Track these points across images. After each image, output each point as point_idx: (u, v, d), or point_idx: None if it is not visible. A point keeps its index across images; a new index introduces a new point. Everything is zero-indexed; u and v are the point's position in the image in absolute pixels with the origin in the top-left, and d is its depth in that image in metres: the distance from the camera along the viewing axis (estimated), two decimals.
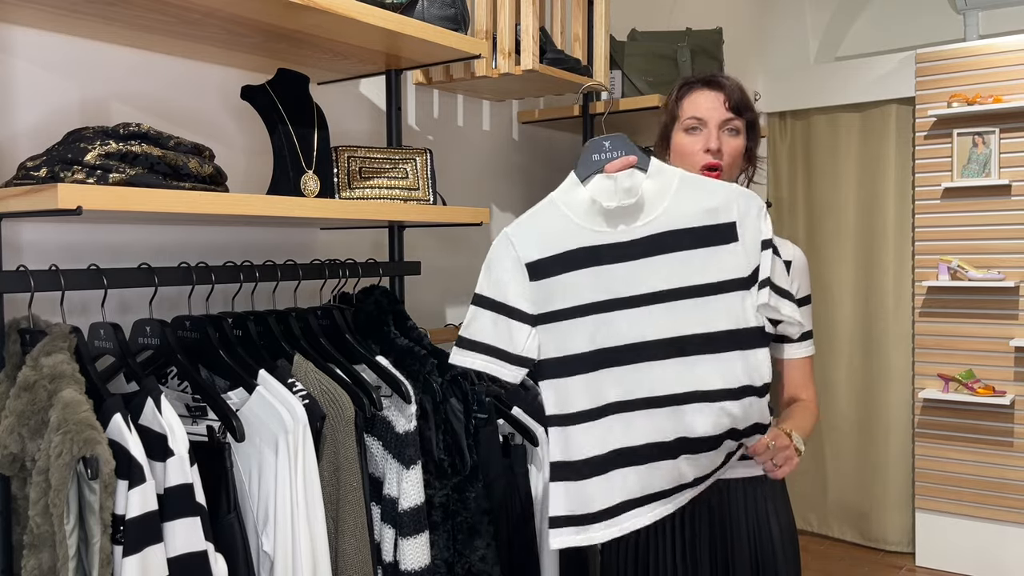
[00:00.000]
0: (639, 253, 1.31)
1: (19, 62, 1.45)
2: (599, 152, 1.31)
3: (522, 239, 1.34)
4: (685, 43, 2.67)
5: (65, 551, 1.10)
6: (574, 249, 1.32)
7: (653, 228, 1.31)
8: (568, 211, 1.33)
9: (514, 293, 1.34)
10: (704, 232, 1.30)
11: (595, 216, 1.32)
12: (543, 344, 1.34)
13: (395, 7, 1.65)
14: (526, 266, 1.33)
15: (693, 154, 1.53)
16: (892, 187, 4.06)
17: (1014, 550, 3.68)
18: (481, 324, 1.35)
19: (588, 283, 1.32)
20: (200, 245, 1.73)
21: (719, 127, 1.53)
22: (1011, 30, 4.12)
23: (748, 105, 1.56)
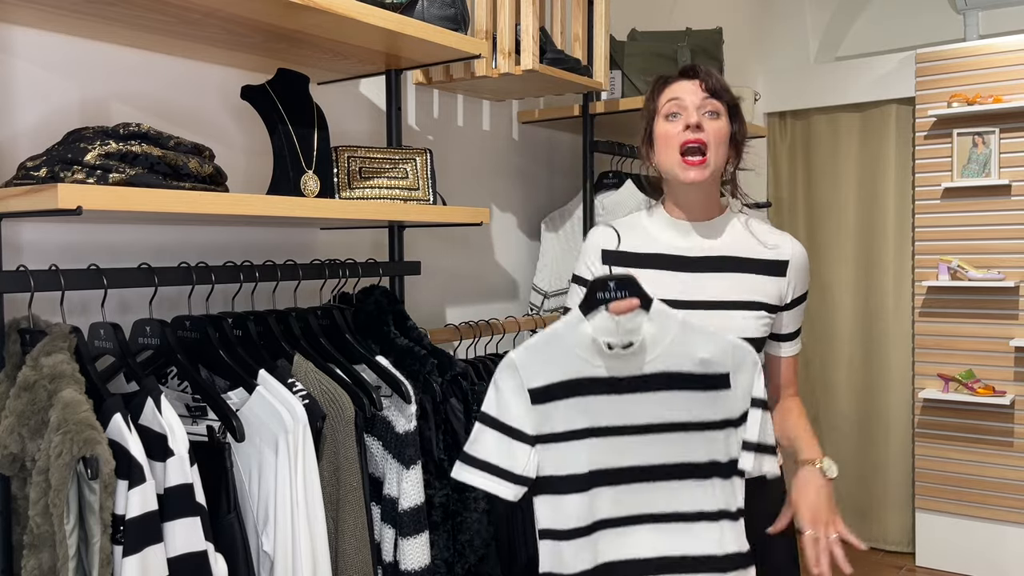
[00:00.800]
0: (635, 389, 1.41)
1: (19, 62, 1.45)
2: (604, 291, 1.37)
3: (526, 366, 1.42)
4: (685, 43, 2.67)
5: (65, 551, 1.10)
6: (574, 379, 1.41)
7: (650, 368, 1.40)
8: (571, 344, 1.41)
9: (516, 415, 1.42)
10: (697, 379, 1.41)
11: (596, 352, 1.40)
12: (542, 462, 1.43)
13: (395, 7, 1.65)
14: (529, 391, 1.42)
15: (673, 137, 1.53)
16: (892, 187, 4.06)
17: (1014, 550, 3.68)
18: (485, 443, 1.43)
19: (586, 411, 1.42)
20: (200, 245, 1.73)
21: (698, 109, 1.53)
22: (1011, 30, 4.12)
23: (726, 88, 1.56)
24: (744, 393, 1.41)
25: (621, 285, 1.37)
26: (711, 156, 1.51)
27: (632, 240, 1.63)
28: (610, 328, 1.39)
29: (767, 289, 1.57)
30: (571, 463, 1.42)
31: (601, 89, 2.39)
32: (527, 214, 2.72)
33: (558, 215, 2.68)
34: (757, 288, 1.56)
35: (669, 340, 1.41)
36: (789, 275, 1.59)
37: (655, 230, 1.62)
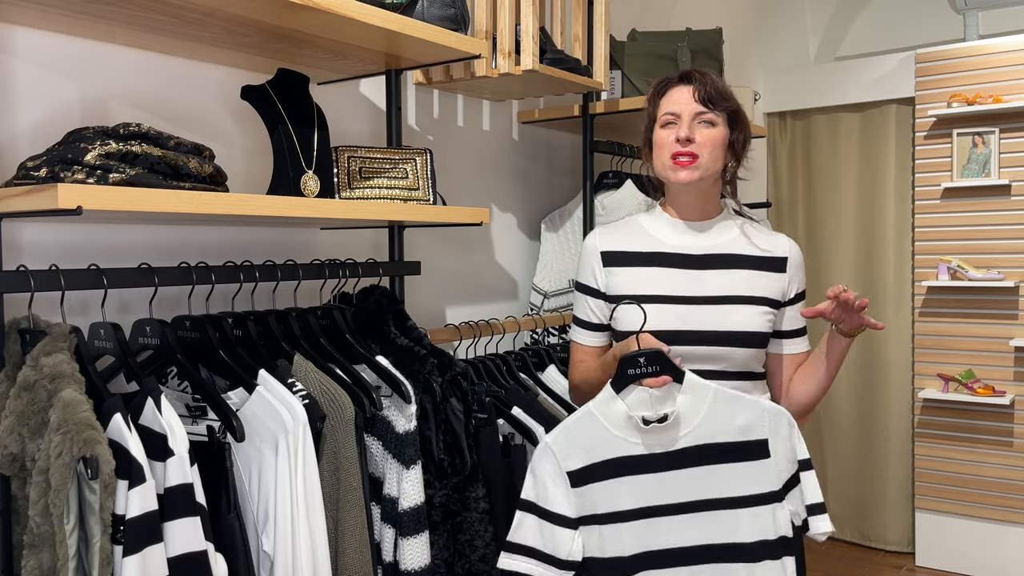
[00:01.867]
0: (675, 465, 1.40)
1: (19, 62, 1.45)
2: (634, 367, 1.37)
3: (562, 449, 1.42)
4: (685, 43, 2.67)
5: (65, 551, 1.10)
6: (612, 459, 1.40)
7: (688, 442, 1.40)
8: (605, 422, 1.41)
9: (557, 500, 1.42)
10: (737, 448, 1.40)
11: (632, 429, 1.40)
12: (586, 543, 1.42)
13: (395, 7, 1.65)
14: (567, 474, 1.41)
15: (665, 146, 1.58)
16: (892, 187, 4.06)
17: (1014, 550, 3.68)
18: (527, 529, 1.42)
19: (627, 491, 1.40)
20: (200, 245, 1.73)
21: (692, 119, 1.56)
22: (1011, 30, 4.12)
23: (724, 96, 1.58)
24: (786, 461, 1.40)
25: (651, 360, 1.37)
26: (702, 161, 1.55)
27: (632, 240, 1.67)
28: (644, 402, 1.39)
29: (768, 285, 1.61)
30: (615, 546, 1.40)
31: (601, 89, 2.39)
32: (527, 214, 2.72)
33: (558, 215, 2.68)
34: (758, 284, 1.60)
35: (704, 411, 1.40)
36: (789, 271, 1.64)
37: (654, 229, 1.67)
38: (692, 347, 1.57)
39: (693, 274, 1.61)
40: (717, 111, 1.57)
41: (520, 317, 2.36)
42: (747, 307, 1.58)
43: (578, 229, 2.61)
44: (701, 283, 1.60)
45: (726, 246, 1.63)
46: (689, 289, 1.59)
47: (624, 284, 1.63)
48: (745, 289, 1.59)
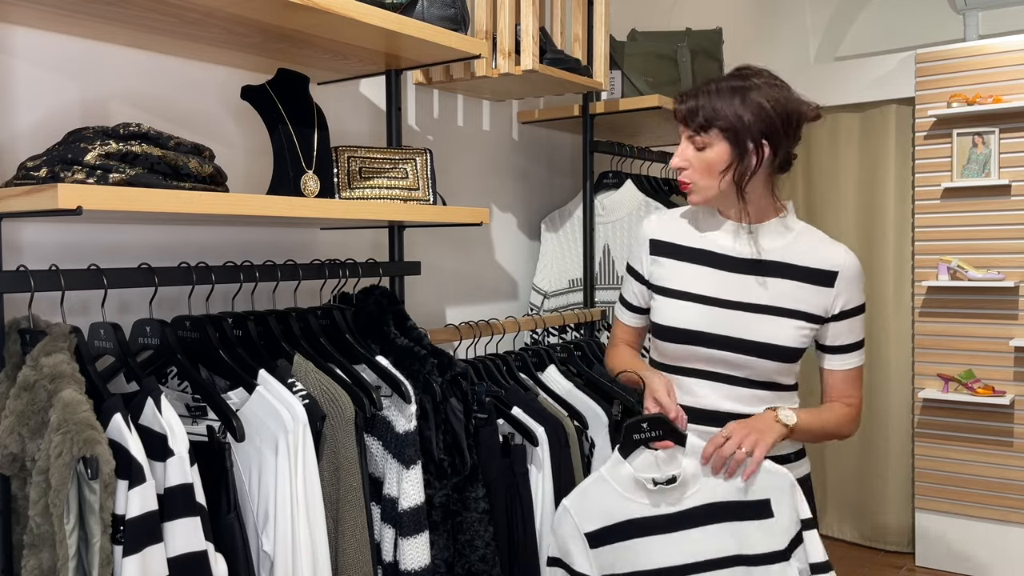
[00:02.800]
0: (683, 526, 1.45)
1: (19, 62, 1.45)
2: (638, 432, 1.44)
3: (578, 511, 1.49)
4: (685, 43, 2.67)
5: (65, 551, 1.10)
6: (625, 520, 1.46)
7: (694, 501, 1.45)
8: (616, 485, 1.47)
9: (579, 559, 1.48)
10: (742, 507, 1.44)
11: (640, 490, 1.46)
12: None
13: (395, 7, 1.65)
14: (585, 535, 1.48)
15: None
16: (892, 187, 4.06)
17: (1014, 550, 3.68)
18: None
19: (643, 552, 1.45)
20: (200, 245, 1.73)
21: (687, 142, 1.56)
22: (1011, 30, 4.12)
23: (706, 114, 1.50)
24: (790, 521, 1.43)
25: (653, 425, 1.43)
26: (696, 186, 1.55)
27: (683, 232, 1.65)
28: (650, 464, 1.44)
29: (810, 299, 1.55)
30: None
31: (601, 89, 2.39)
32: (527, 214, 2.72)
33: (558, 215, 2.68)
34: (800, 296, 1.55)
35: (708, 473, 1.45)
36: (838, 286, 1.56)
37: (707, 226, 1.63)
38: (716, 351, 1.56)
39: (734, 278, 1.58)
40: (705, 132, 1.51)
41: (520, 317, 2.36)
42: (781, 319, 1.54)
43: (578, 229, 2.61)
44: (739, 288, 1.57)
45: (774, 253, 1.57)
46: (726, 292, 1.57)
47: (666, 276, 1.64)
48: (784, 301, 1.55)
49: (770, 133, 1.50)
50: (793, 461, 1.61)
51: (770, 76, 1.55)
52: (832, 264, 1.56)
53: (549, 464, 1.84)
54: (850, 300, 1.57)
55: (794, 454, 1.62)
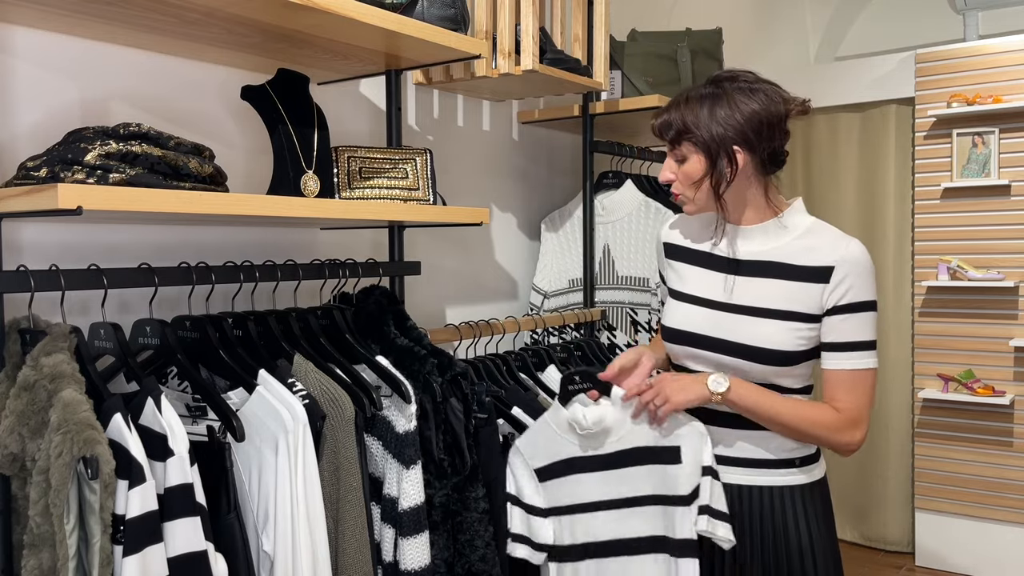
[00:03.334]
0: (610, 466, 1.62)
1: (19, 62, 1.45)
2: (572, 384, 1.65)
3: (527, 450, 1.69)
4: (685, 43, 2.67)
5: (65, 551, 1.10)
6: (563, 459, 1.66)
7: (618, 446, 1.62)
8: (555, 428, 1.67)
9: (528, 492, 1.68)
10: (653, 452, 1.60)
11: (572, 433, 1.65)
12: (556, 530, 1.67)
13: (395, 7, 1.65)
14: (535, 471, 1.68)
15: None
16: (892, 187, 4.06)
17: (1014, 550, 3.68)
18: (515, 519, 1.68)
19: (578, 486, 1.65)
20: (200, 245, 1.73)
21: (671, 156, 1.57)
22: (1011, 30, 4.12)
23: (678, 128, 1.51)
24: (693, 468, 1.57)
25: (584, 378, 1.64)
26: (685, 197, 1.58)
27: (689, 234, 1.69)
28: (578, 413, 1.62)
29: (804, 298, 1.50)
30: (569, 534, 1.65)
31: (601, 89, 2.39)
32: (527, 214, 2.72)
33: (558, 215, 2.68)
34: (794, 296, 1.51)
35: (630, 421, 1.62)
36: (833, 280, 1.48)
37: (707, 228, 1.66)
38: (712, 353, 1.56)
39: (731, 279, 1.57)
40: (681, 145, 1.52)
41: (520, 317, 2.36)
42: (773, 321, 1.51)
43: (578, 229, 2.61)
44: (735, 290, 1.56)
45: (770, 253, 1.55)
46: (723, 295, 1.57)
47: (675, 279, 1.68)
48: (777, 302, 1.52)
49: (742, 140, 1.49)
50: (798, 467, 1.56)
51: (746, 80, 1.53)
52: (830, 259, 1.49)
53: None
54: (847, 295, 1.48)
55: (799, 459, 1.56)
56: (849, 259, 1.49)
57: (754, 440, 1.56)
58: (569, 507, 1.65)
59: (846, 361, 1.50)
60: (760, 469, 1.57)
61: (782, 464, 1.57)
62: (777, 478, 1.56)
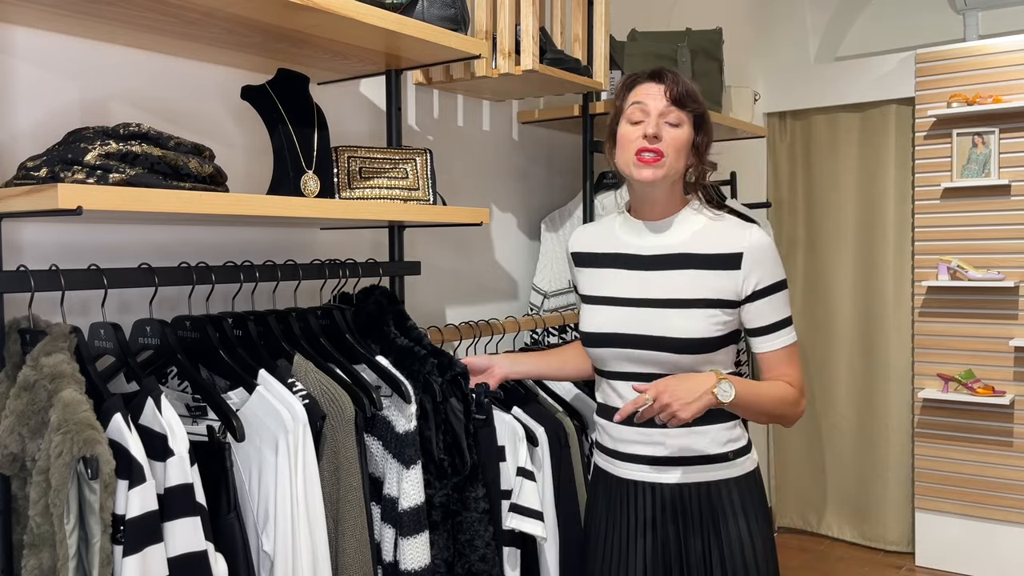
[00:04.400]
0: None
1: (19, 62, 1.45)
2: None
3: None
4: (685, 43, 2.67)
5: (65, 551, 1.10)
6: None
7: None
8: None
9: None
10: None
11: None
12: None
13: (395, 7, 1.65)
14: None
15: (632, 141, 1.56)
16: (892, 187, 4.06)
17: (1014, 550, 3.68)
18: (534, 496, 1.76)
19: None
20: (200, 245, 1.73)
21: (659, 116, 1.55)
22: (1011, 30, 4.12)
23: (692, 98, 1.56)
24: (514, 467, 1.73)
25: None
26: (667, 161, 1.54)
27: (595, 241, 1.72)
28: None
29: (719, 284, 1.56)
30: None
31: (601, 89, 2.39)
32: (527, 214, 2.72)
33: (558, 215, 2.68)
34: (708, 284, 1.56)
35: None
36: (744, 267, 1.56)
37: (618, 230, 1.70)
38: (633, 350, 1.58)
39: (642, 275, 1.61)
40: (685, 112, 1.56)
41: (520, 317, 2.36)
42: (691, 311, 1.55)
43: None
44: (648, 285, 1.60)
45: (679, 246, 1.60)
46: (636, 291, 1.61)
47: (586, 284, 1.71)
48: (692, 291, 1.56)
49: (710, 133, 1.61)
50: (732, 459, 1.61)
51: None
52: (737, 246, 1.56)
53: (549, 464, 1.84)
54: (763, 279, 1.56)
55: (732, 452, 1.61)
56: (756, 244, 1.56)
57: (690, 438, 1.59)
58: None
59: (778, 340, 1.59)
60: (698, 466, 1.59)
61: (717, 459, 1.60)
62: (713, 473, 1.59)
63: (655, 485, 1.61)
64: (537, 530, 1.71)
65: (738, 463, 1.62)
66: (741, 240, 1.57)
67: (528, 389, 2.03)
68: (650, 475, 1.61)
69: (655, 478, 1.61)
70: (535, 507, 1.72)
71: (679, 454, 1.59)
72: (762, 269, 1.56)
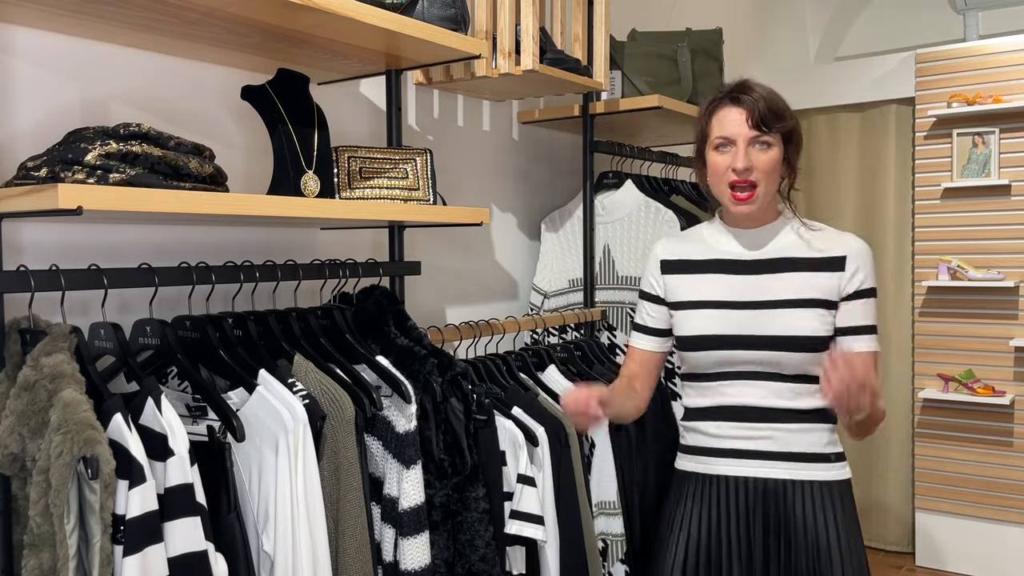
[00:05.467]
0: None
1: (19, 62, 1.45)
2: None
3: None
4: (685, 43, 2.67)
5: (65, 551, 1.10)
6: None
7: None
8: None
9: None
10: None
11: None
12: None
13: (395, 7, 1.65)
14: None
15: (721, 173, 1.57)
16: (892, 187, 4.06)
17: (1014, 550, 3.68)
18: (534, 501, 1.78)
19: None
20: (200, 245, 1.73)
21: (747, 144, 1.54)
22: (1011, 30, 4.12)
23: (778, 115, 1.55)
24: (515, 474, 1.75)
25: None
26: (760, 191, 1.56)
27: (691, 248, 1.72)
28: None
29: (824, 285, 1.60)
30: None
31: (601, 89, 2.39)
32: (527, 214, 2.72)
33: (558, 215, 2.68)
34: (814, 284, 1.60)
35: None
36: (849, 267, 1.60)
37: (713, 239, 1.71)
38: (746, 351, 1.59)
39: (749, 279, 1.62)
40: (771, 134, 1.54)
41: (520, 317, 2.36)
42: (802, 311, 1.58)
43: (578, 229, 2.61)
44: (757, 288, 1.62)
45: (782, 251, 1.63)
46: (744, 294, 1.62)
47: (683, 290, 1.69)
48: (801, 292, 1.59)
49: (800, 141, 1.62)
50: (833, 461, 1.61)
51: None
52: (840, 250, 1.61)
53: (549, 464, 1.84)
54: (864, 281, 1.60)
55: (834, 455, 1.61)
56: (858, 250, 1.62)
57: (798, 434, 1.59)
58: None
59: (869, 343, 1.60)
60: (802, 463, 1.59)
61: (819, 458, 1.59)
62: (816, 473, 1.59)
63: (756, 480, 1.60)
64: (538, 534, 1.73)
65: (837, 466, 1.61)
66: (844, 244, 1.62)
67: (528, 389, 2.03)
68: (752, 470, 1.61)
69: (757, 472, 1.60)
70: (535, 512, 1.74)
71: (785, 449, 1.59)
72: (864, 272, 1.61)
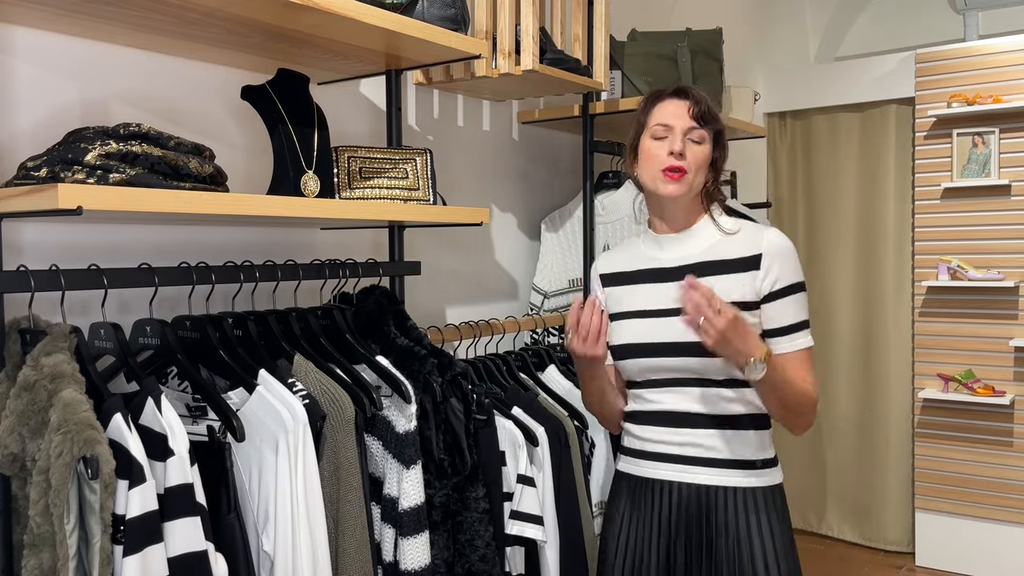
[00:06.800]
0: None
1: (19, 62, 1.45)
2: None
3: None
4: (685, 43, 2.67)
5: (65, 551, 1.10)
6: None
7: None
8: None
9: None
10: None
11: None
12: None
13: (395, 7, 1.65)
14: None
15: (657, 158, 1.60)
16: (892, 187, 4.06)
17: (1014, 550, 3.68)
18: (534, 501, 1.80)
19: None
20: (200, 245, 1.73)
21: (684, 133, 1.59)
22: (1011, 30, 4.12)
23: (714, 116, 1.62)
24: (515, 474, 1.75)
25: None
26: (690, 177, 1.59)
27: (625, 260, 1.75)
28: None
29: (740, 287, 1.59)
30: None
31: (601, 89, 2.39)
32: (527, 214, 2.72)
33: (558, 215, 2.68)
34: (731, 288, 1.59)
35: None
36: (763, 266, 1.58)
37: (643, 247, 1.73)
38: (670, 359, 1.58)
39: (673, 286, 1.62)
40: (707, 129, 1.60)
41: (520, 317, 2.36)
42: None
43: (578, 229, 2.61)
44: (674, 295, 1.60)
45: (701, 254, 1.63)
46: (668, 302, 1.62)
47: (614, 302, 1.71)
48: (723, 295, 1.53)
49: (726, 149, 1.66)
50: (760, 468, 1.59)
51: None
52: (756, 248, 1.60)
53: (549, 464, 1.84)
54: (780, 279, 1.58)
55: (760, 462, 1.60)
56: (774, 244, 1.60)
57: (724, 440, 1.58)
58: None
59: (795, 342, 1.59)
60: (727, 469, 1.58)
61: (746, 465, 1.59)
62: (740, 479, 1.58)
63: (681, 484, 1.60)
64: (538, 535, 1.74)
65: (766, 472, 1.60)
66: (759, 242, 1.60)
67: (528, 389, 2.03)
68: (677, 475, 1.61)
69: (682, 477, 1.60)
70: (535, 512, 1.75)
71: (711, 455, 1.58)
72: (779, 268, 1.59)
